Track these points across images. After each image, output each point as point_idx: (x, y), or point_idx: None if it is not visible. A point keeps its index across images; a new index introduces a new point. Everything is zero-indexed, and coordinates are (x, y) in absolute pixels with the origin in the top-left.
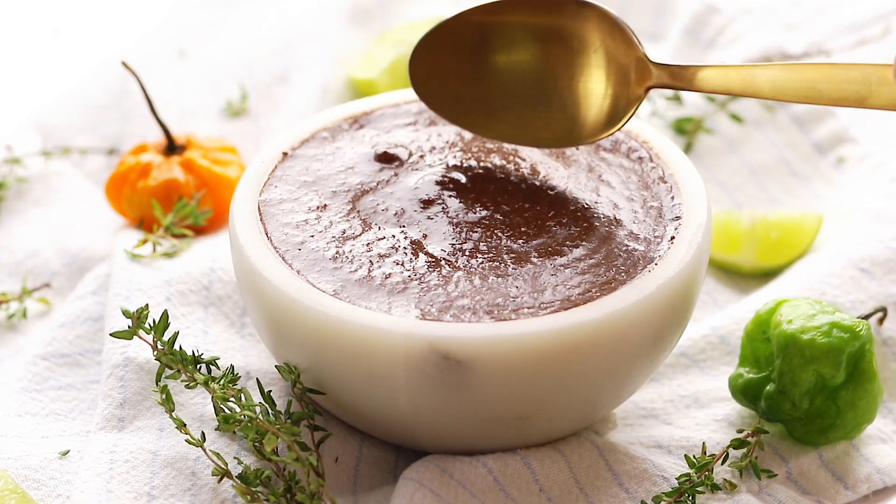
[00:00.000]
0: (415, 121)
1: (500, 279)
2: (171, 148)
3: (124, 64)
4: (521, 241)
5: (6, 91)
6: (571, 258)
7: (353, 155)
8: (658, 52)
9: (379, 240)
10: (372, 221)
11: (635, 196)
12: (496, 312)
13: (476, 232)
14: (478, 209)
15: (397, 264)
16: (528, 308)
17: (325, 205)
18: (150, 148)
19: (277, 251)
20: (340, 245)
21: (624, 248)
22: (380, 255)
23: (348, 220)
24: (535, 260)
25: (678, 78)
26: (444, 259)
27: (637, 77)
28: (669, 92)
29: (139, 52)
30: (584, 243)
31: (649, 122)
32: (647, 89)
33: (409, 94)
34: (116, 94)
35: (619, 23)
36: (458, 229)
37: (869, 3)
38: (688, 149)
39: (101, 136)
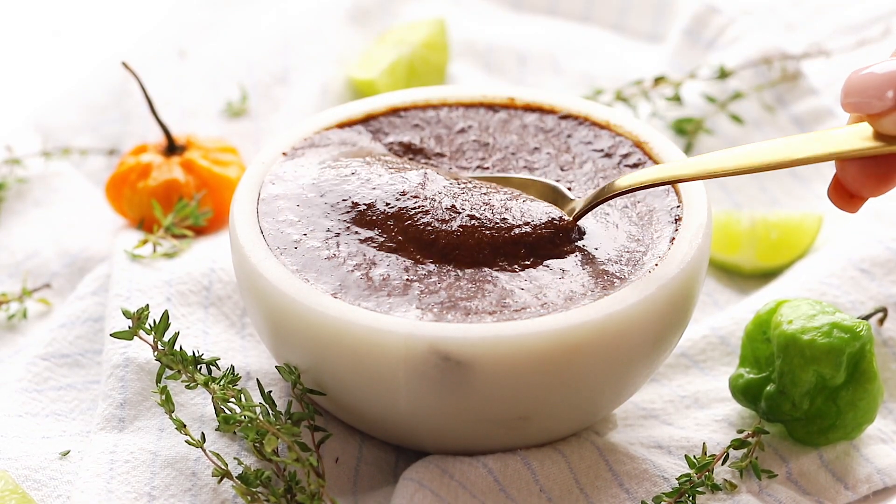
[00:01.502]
0: (416, 125)
1: (499, 280)
2: (172, 148)
3: (124, 64)
4: (521, 243)
5: (6, 91)
6: (572, 259)
7: (353, 156)
8: (658, 53)
9: (379, 240)
10: (372, 222)
11: (635, 196)
12: (496, 313)
13: (476, 233)
14: (478, 211)
15: (397, 265)
16: (529, 309)
17: (325, 205)
18: (151, 148)
19: (277, 252)
20: (340, 246)
21: (624, 249)
22: (379, 256)
23: (348, 221)
24: (535, 261)
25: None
26: (443, 260)
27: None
28: (669, 92)
29: (139, 52)
30: (584, 244)
31: (649, 123)
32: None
33: (409, 96)
34: (116, 94)
35: (556, 188)
36: (458, 230)
37: (869, 3)
38: (688, 149)
39: (101, 136)
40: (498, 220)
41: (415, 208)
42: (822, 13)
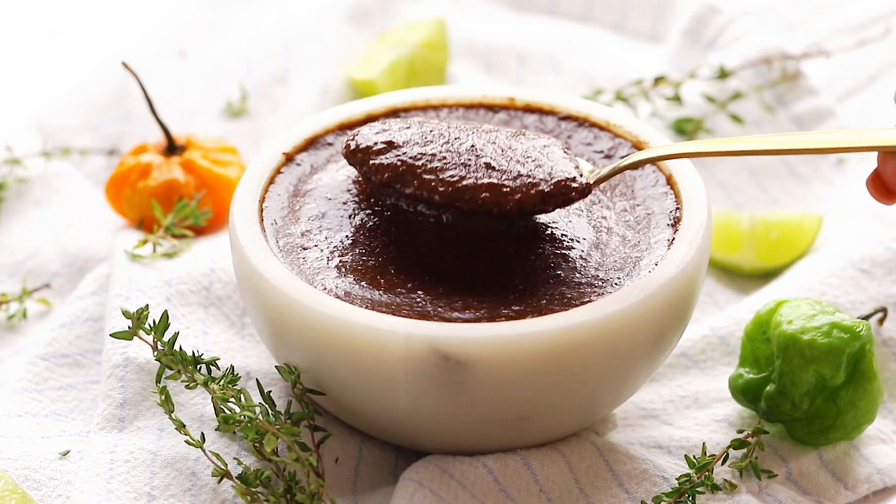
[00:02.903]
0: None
1: (500, 281)
2: (172, 148)
3: (124, 64)
4: (521, 243)
5: (6, 91)
6: (572, 259)
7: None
8: (658, 53)
9: (380, 246)
10: (372, 225)
11: (634, 198)
12: (496, 313)
13: (476, 236)
14: (478, 214)
15: (397, 271)
16: (529, 309)
17: (324, 212)
18: (151, 148)
19: (277, 253)
20: (340, 248)
21: (624, 249)
22: (380, 262)
23: (348, 224)
24: (535, 261)
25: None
26: (444, 265)
27: None
28: (669, 92)
29: (139, 52)
30: (584, 244)
31: (649, 123)
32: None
33: (409, 96)
34: (116, 94)
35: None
36: (458, 236)
37: (869, 3)
38: None
39: (102, 136)
40: (515, 173)
41: (430, 217)
42: (822, 13)
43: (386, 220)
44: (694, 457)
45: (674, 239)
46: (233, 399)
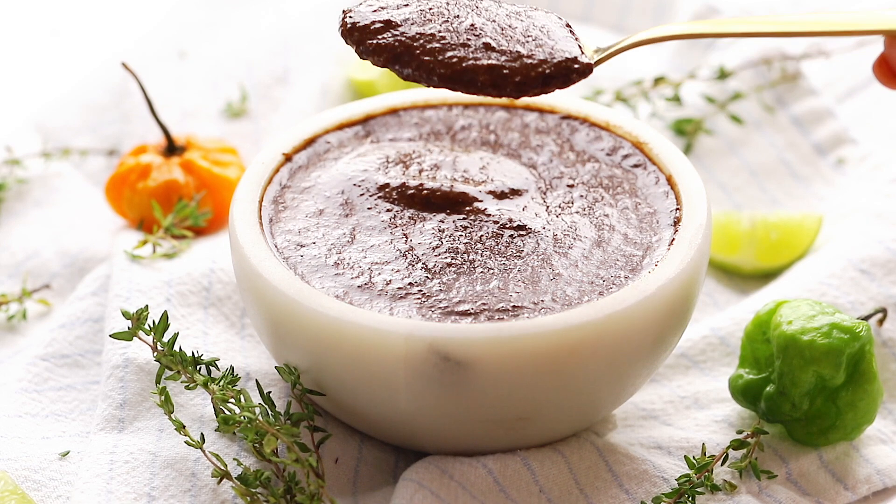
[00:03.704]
0: (416, 123)
1: (499, 283)
2: (171, 149)
3: (124, 65)
4: (520, 244)
5: (6, 92)
6: (571, 260)
7: (353, 161)
8: (658, 52)
9: (379, 245)
10: (372, 227)
11: (635, 198)
12: (496, 314)
13: (475, 237)
14: (476, 215)
15: (397, 270)
16: (528, 309)
17: (323, 210)
18: (150, 149)
19: (277, 253)
20: (340, 250)
21: (624, 250)
22: (379, 261)
23: (348, 226)
24: (535, 262)
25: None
26: (443, 264)
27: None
28: (669, 92)
29: (139, 53)
30: (583, 245)
31: (649, 123)
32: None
33: (409, 96)
34: (116, 94)
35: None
36: (457, 235)
37: (869, 3)
38: (687, 150)
39: (101, 136)
40: (515, 54)
41: (431, 219)
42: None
43: (385, 219)
44: (694, 457)
45: (673, 239)
46: (232, 400)
